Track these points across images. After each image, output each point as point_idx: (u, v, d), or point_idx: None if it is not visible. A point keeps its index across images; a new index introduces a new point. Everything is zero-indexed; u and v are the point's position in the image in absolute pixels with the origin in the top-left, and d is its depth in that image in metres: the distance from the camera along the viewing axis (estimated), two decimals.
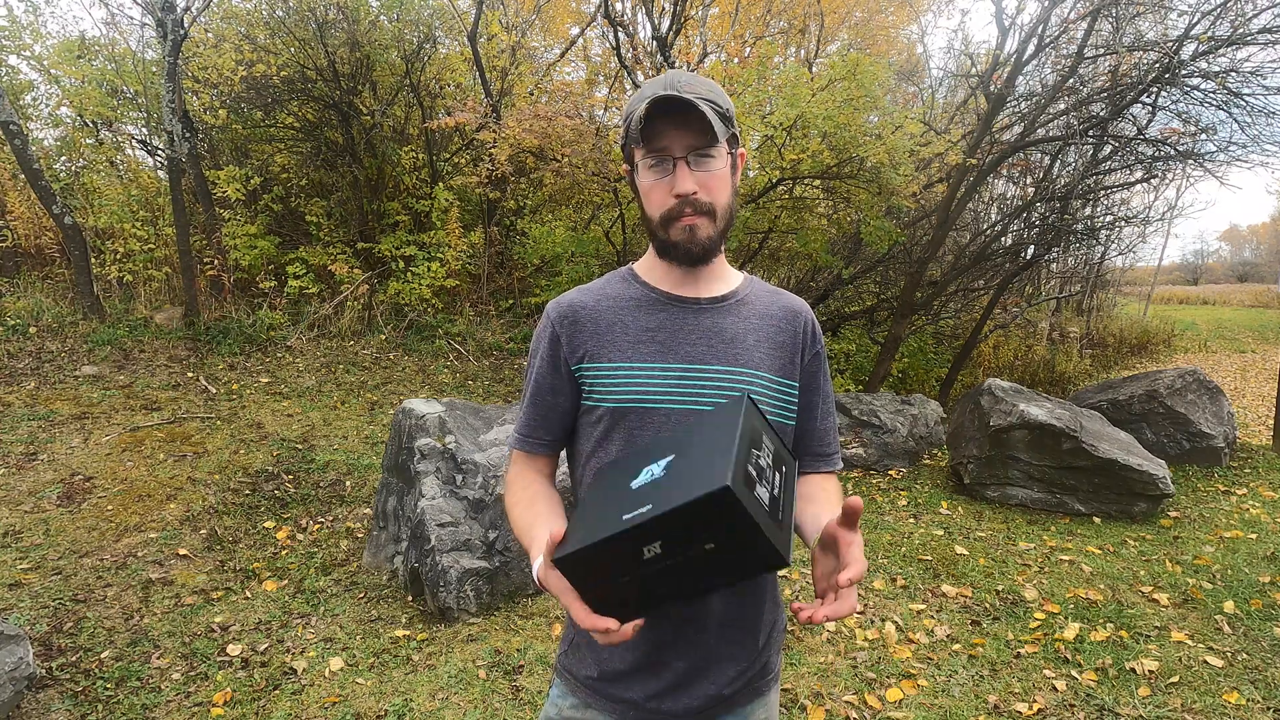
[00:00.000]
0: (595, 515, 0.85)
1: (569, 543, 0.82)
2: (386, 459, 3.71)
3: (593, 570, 0.80)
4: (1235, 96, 6.10)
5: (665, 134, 0.99)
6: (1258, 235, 55.92)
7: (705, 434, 0.86)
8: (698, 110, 0.95)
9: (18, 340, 5.63)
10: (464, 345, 7.25)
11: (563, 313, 1.10)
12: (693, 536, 0.75)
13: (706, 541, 0.76)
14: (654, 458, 0.88)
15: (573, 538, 0.83)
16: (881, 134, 5.73)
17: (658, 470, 0.84)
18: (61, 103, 7.22)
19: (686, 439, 0.88)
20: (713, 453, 0.79)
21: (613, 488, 0.89)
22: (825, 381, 1.18)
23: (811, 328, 1.16)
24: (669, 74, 1.03)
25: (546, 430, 1.13)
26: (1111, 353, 14.10)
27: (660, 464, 0.85)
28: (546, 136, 6.02)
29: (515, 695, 2.58)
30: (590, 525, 0.83)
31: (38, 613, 2.95)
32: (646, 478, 0.84)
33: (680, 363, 1.05)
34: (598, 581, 0.81)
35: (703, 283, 1.11)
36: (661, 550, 0.76)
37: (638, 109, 0.98)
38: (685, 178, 0.99)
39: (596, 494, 0.91)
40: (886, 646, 2.91)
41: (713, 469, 0.75)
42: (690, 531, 0.75)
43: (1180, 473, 5.16)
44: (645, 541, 0.76)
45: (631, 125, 0.99)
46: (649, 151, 1.00)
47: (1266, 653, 2.79)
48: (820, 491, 1.13)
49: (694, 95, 0.96)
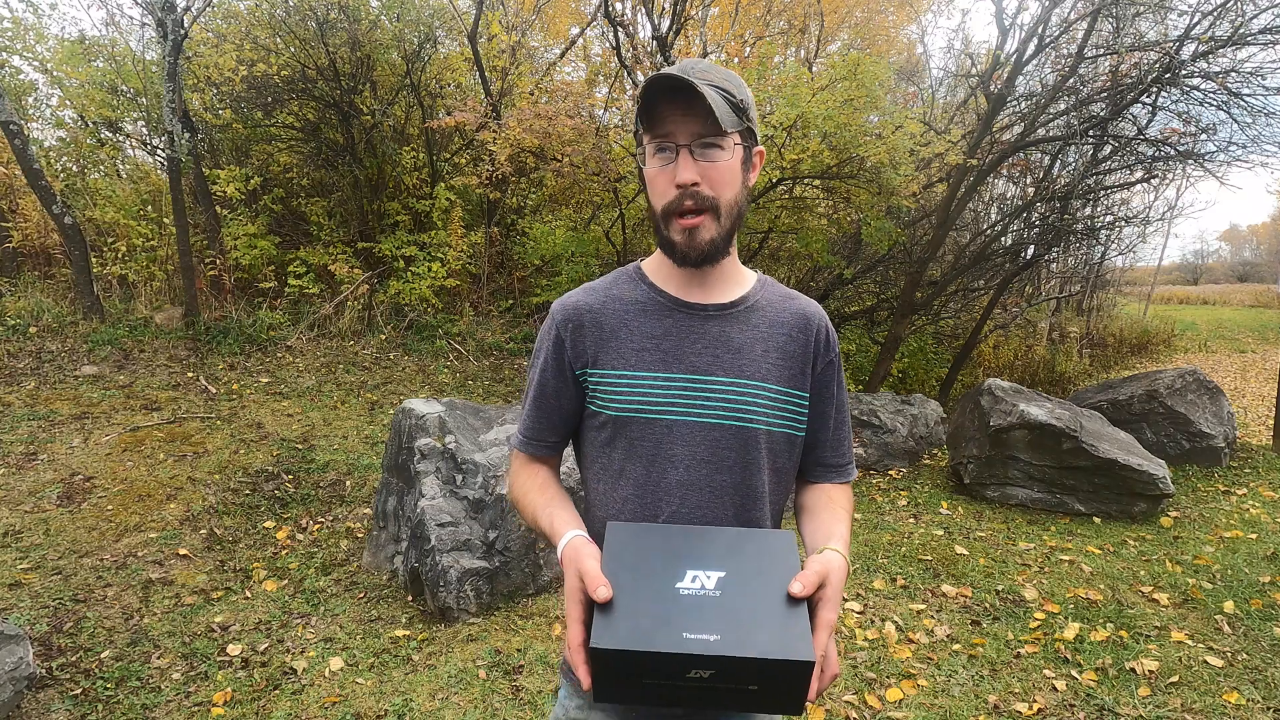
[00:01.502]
0: (642, 613, 0.80)
1: (613, 634, 0.78)
2: (386, 459, 3.71)
3: (626, 668, 0.78)
4: (1235, 97, 6.10)
5: (670, 119, 0.95)
6: (1258, 235, 55.89)
7: (758, 563, 0.85)
8: (701, 96, 0.90)
9: (18, 340, 5.63)
10: (464, 345, 7.25)
11: (567, 315, 1.06)
12: (747, 678, 0.77)
13: (754, 684, 0.78)
14: (697, 560, 0.85)
15: (616, 629, 0.79)
16: (882, 134, 5.73)
17: (709, 585, 0.83)
18: (63, 103, 7.23)
19: (735, 556, 0.86)
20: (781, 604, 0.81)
21: (651, 579, 0.84)
22: (839, 390, 1.13)
23: (826, 335, 1.11)
24: (684, 61, 0.99)
25: (550, 432, 1.11)
26: (1111, 353, 14.10)
27: (709, 575, 0.84)
28: (547, 136, 6.02)
29: (515, 695, 2.58)
30: (639, 624, 0.79)
31: (38, 613, 2.95)
32: (695, 587, 0.82)
33: (684, 373, 1.02)
34: (622, 676, 0.80)
35: (711, 286, 1.07)
36: (708, 678, 0.77)
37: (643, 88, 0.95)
38: (687, 167, 0.95)
39: (629, 576, 0.84)
40: (886, 646, 2.91)
41: (793, 631, 0.78)
42: (748, 675, 0.77)
43: (1180, 473, 5.16)
44: (699, 666, 0.77)
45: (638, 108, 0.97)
46: (654, 137, 0.97)
47: (1266, 653, 2.78)
48: (829, 503, 1.10)
49: (703, 81, 0.92)
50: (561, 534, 0.95)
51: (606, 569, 0.84)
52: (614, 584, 0.83)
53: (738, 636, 0.77)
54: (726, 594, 0.81)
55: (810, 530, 1.06)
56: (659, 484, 1.01)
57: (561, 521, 0.98)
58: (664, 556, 0.87)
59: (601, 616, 0.81)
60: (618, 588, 0.82)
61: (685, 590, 0.82)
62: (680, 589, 0.82)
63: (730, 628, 0.78)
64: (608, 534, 0.90)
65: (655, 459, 1.01)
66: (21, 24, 6.99)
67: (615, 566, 0.85)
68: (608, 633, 0.79)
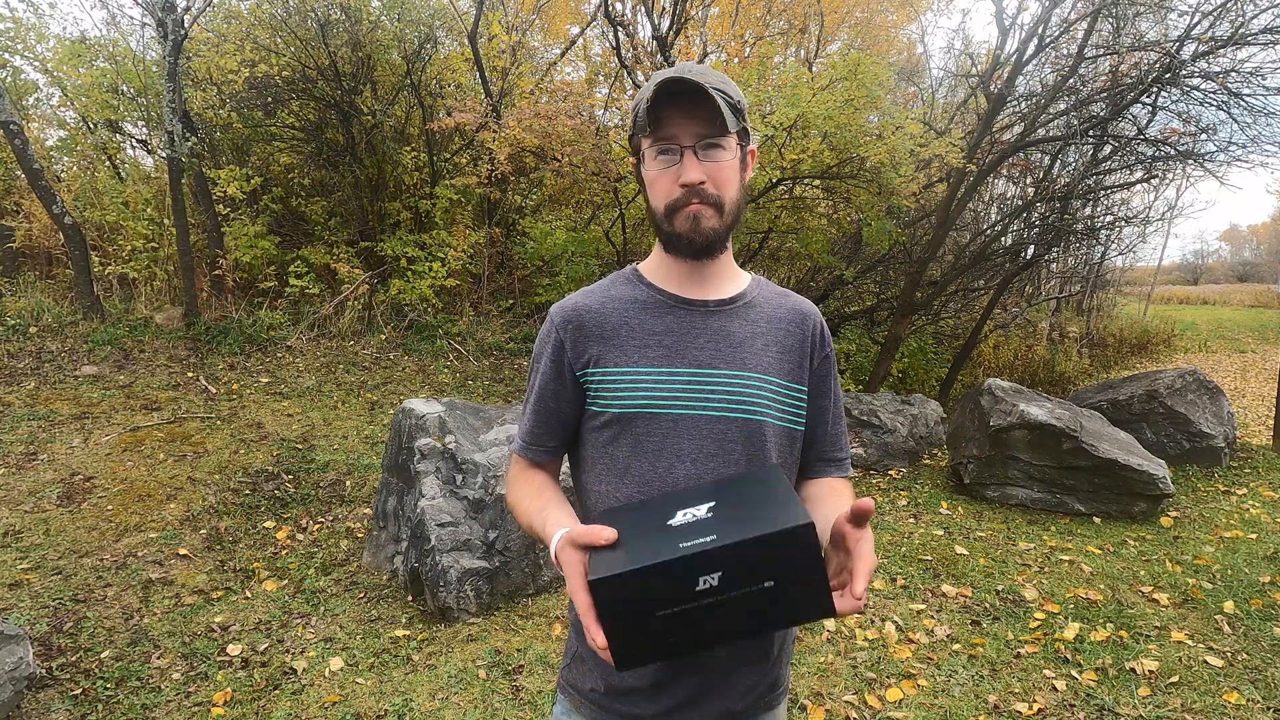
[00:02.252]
0: (639, 544, 0.79)
1: (610, 564, 0.76)
2: (386, 459, 3.71)
3: (633, 601, 0.75)
4: (1235, 97, 6.10)
5: (674, 121, 0.96)
6: (1258, 235, 55.90)
7: (744, 490, 0.85)
8: (707, 97, 0.93)
9: (18, 340, 5.63)
10: (464, 345, 7.25)
11: (567, 317, 1.06)
12: (756, 572, 0.74)
13: (768, 578, 0.74)
14: (685, 504, 0.86)
15: (614, 560, 0.77)
16: (882, 134, 5.73)
17: (700, 512, 0.82)
18: (63, 103, 7.23)
19: (720, 493, 0.86)
20: (770, 501, 0.79)
21: (643, 523, 0.84)
22: (835, 385, 1.15)
23: (820, 331, 1.13)
24: (680, 64, 1.00)
25: (550, 437, 1.10)
26: (1111, 353, 14.11)
27: (700, 507, 0.83)
28: (547, 136, 6.02)
29: (515, 695, 2.58)
30: (636, 551, 0.77)
31: (38, 613, 2.95)
32: (687, 519, 0.82)
33: (688, 367, 1.02)
34: (632, 614, 0.76)
35: (709, 283, 1.08)
36: (718, 583, 0.74)
37: (646, 93, 0.95)
38: (693, 167, 0.96)
39: (623, 527, 0.83)
40: (886, 646, 2.91)
41: (786, 510, 0.76)
42: (755, 566, 0.74)
43: (1180, 473, 5.16)
44: (704, 572, 0.73)
45: (640, 113, 0.97)
46: (656, 139, 0.98)
47: (1266, 653, 2.79)
48: (831, 494, 1.10)
49: (706, 83, 0.94)
50: (553, 534, 0.93)
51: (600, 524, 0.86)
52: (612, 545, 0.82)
53: (733, 528, 0.75)
54: (719, 514, 0.81)
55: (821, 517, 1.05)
56: (665, 479, 1.01)
57: (554, 523, 0.97)
58: (653, 510, 0.88)
59: (597, 556, 0.80)
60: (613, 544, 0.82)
61: (678, 523, 0.82)
62: (672, 523, 0.82)
63: (725, 528, 0.76)
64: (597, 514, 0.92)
65: (661, 454, 1.01)
66: (22, 24, 6.99)
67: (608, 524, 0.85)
68: (601, 565, 0.77)
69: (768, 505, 0.79)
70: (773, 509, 0.77)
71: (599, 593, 0.75)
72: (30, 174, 5.74)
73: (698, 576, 0.74)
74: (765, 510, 0.78)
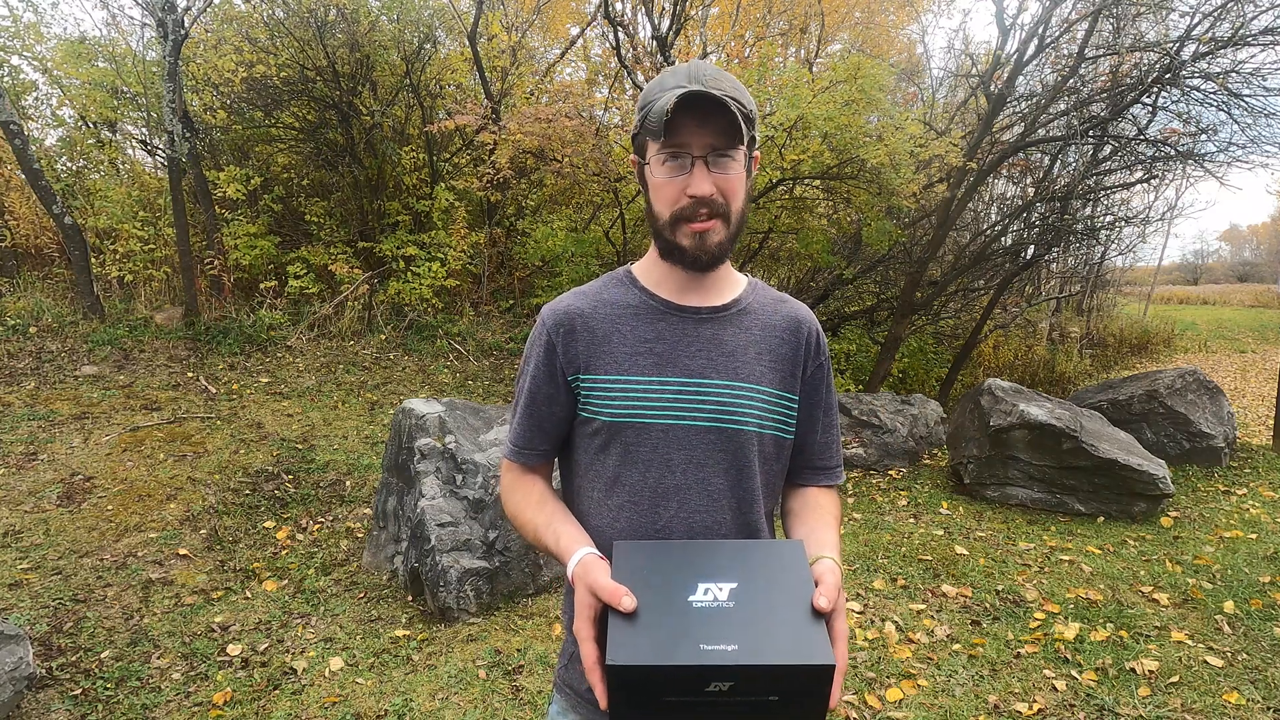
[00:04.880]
0: (658, 627, 0.79)
1: (630, 650, 0.77)
2: (386, 459, 3.71)
3: (644, 685, 0.77)
4: (1235, 97, 6.10)
5: (687, 130, 0.93)
6: (1258, 235, 55.89)
7: (769, 574, 0.85)
8: (724, 110, 0.91)
9: (18, 340, 5.63)
10: (464, 345, 7.26)
11: (559, 320, 1.05)
12: (766, 689, 0.76)
13: (773, 694, 0.77)
14: (709, 573, 0.85)
15: (633, 645, 0.77)
16: (882, 135, 5.74)
17: (721, 596, 0.81)
18: (63, 103, 7.23)
19: (746, 567, 0.86)
20: (797, 612, 0.80)
21: (664, 592, 0.83)
22: (828, 393, 1.13)
23: (816, 339, 1.11)
24: (693, 65, 0.97)
25: (542, 440, 1.08)
26: (1111, 353, 14.11)
27: (721, 587, 0.82)
28: (547, 137, 6.02)
29: (515, 695, 2.58)
30: (656, 639, 0.78)
31: (38, 613, 2.95)
32: (708, 599, 0.81)
33: (679, 376, 1.01)
34: (640, 695, 0.78)
35: (705, 290, 1.06)
36: (727, 690, 0.76)
37: (660, 100, 0.93)
38: (703, 179, 0.94)
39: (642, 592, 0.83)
40: (886, 646, 2.91)
41: (811, 637, 0.77)
42: (768, 685, 0.76)
43: (1180, 473, 5.16)
44: (718, 680, 0.75)
45: (650, 116, 0.94)
46: (665, 146, 0.95)
47: (1266, 653, 2.79)
48: (816, 508, 1.09)
49: (722, 94, 0.92)
50: (571, 552, 0.93)
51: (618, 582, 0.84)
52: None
53: (756, 645, 0.76)
54: (740, 604, 0.80)
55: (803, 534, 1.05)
56: (656, 489, 1.00)
57: (569, 539, 0.96)
58: (674, 570, 0.86)
59: (616, 633, 0.79)
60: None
61: (698, 603, 0.81)
62: (693, 601, 0.81)
63: (747, 637, 0.77)
64: (615, 552, 0.89)
65: (652, 464, 1.00)
66: (21, 23, 6.99)
67: (625, 582, 0.84)
68: (624, 649, 0.77)
69: (791, 619, 0.80)
70: (797, 629, 0.79)
71: (612, 675, 0.77)
72: (30, 174, 5.74)
73: (711, 681, 0.76)
74: (789, 629, 0.79)
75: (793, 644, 0.77)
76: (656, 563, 0.88)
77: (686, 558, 0.88)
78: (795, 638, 0.77)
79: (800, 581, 0.84)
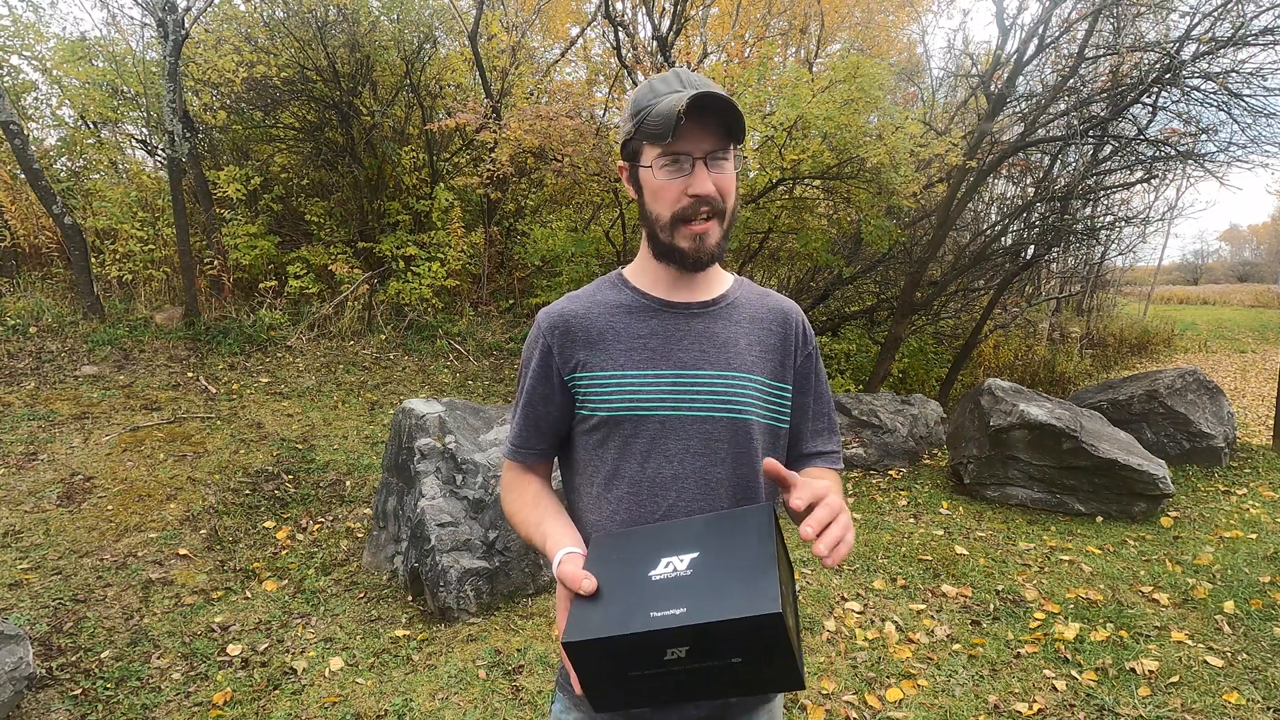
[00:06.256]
0: (614, 601, 0.81)
1: (584, 626, 0.79)
2: (386, 459, 3.71)
3: (605, 660, 0.78)
4: (1235, 97, 6.10)
5: (689, 133, 0.97)
6: (1258, 235, 55.91)
7: (732, 539, 0.85)
8: (723, 113, 0.96)
9: (18, 340, 5.63)
10: (464, 345, 7.25)
11: (554, 322, 1.08)
12: (723, 649, 0.75)
13: (735, 655, 0.76)
14: (673, 547, 0.86)
15: (588, 621, 0.80)
16: (882, 134, 5.73)
17: (681, 566, 0.82)
18: (63, 103, 7.23)
19: (709, 536, 0.86)
20: (750, 569, 0.79)
21: (626, 570, 0.85)
22: (819, 382, 1.17)
23: (802, 329, 1.15)
24: (682, 72, 1.01)
25: (540, 440, 1.12)
26: (1111, 353, 14.11)
27: (682, 559, 0.83)
28: (547, 137, 6.02)
29: (515, 695, 2.58)
30: (609, 613, 0.80)
31: (38, 613, 2.95)
32: (668, 571, 0.82)
33: (673, 369, 1.04)
34: (605, 672, 0.79)
35: (694, 287, 1.10)
36: (685, 655, 0.76)
37: (659, 105, 0.96)
38: (705, 180, 0.99)
39: (607, 573, 0.86)
40: (886, 646, 2.91)
41: (757, 589, 0.75)
42: (723, 644, 0.75)
43: (1180, 473, 5.16)
44: (673, 645, 0.75)
45: (652, 120, 0.97)
46: (667, 150, 0.98)
47: (1266, 653, 2.79)
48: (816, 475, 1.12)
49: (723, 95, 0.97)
50: (554, 552, 0.96)
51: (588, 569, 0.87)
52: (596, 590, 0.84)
53: (703, 605, 0.76)
54: (698, 572, 0.81)
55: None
56: (654, 480, 1.03)
57: (554, 540, 0.99)
58: (643, 550, 0.88)
59: (575, 612, 0.81)
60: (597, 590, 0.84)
61: (658, 576, 0.82)
62: (653, 575, 0.83)
63: (697, 599, 0.77)
64: (591, 543, 0.91)
65: (649, 456, 1.03)
66: (21, 23, 6.99)
67: (595, 568, 0.86)
68: (577, 626, 0.79)
69: (743, 576, 0.78)
70: (746, 584, 0.77)
71: (570, 653, 0.78)
72: (30, 174, 5.74)
73: (665, 648, 0.76)
74: (738, 585, 0.77)
75: (739, 599, 0.75)
76: (626, 547, 0.90)
77: (658, 536, 0.90)
78: (743, 593, 0.76)
79: (760, 540, 0.83)
